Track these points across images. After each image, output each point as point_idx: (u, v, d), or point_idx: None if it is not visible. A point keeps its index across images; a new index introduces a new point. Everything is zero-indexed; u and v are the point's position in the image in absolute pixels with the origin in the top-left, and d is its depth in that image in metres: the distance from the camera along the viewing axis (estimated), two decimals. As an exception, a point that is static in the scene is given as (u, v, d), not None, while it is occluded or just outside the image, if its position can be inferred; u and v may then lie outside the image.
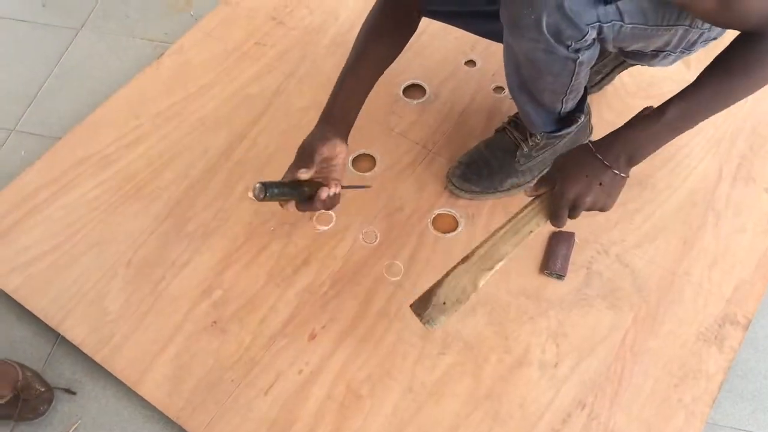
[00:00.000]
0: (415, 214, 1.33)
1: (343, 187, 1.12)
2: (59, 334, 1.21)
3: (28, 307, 1.23)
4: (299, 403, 1.13)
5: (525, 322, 1.20)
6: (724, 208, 1.33)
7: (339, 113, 1.12)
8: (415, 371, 1.15)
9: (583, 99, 1.22)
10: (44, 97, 1.60)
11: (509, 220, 1.01)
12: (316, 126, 1.12)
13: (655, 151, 0.98)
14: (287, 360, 1.17)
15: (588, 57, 1.04)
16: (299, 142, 1.09)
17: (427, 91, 1.52)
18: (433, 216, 1.33)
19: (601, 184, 0.97)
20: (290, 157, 1.39)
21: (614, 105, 1.48)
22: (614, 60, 1.39)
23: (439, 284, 1.01)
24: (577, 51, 1.01)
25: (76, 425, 1.14)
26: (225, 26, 1.68)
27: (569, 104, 1.18)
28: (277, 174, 1.40)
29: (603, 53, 1.29)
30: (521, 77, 1.12)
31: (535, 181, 1.32)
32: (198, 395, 1.14)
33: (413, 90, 1.53)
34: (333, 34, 1.65)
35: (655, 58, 1.32)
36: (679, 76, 1.38)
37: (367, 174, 1.39)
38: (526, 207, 1.02)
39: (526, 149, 1.30)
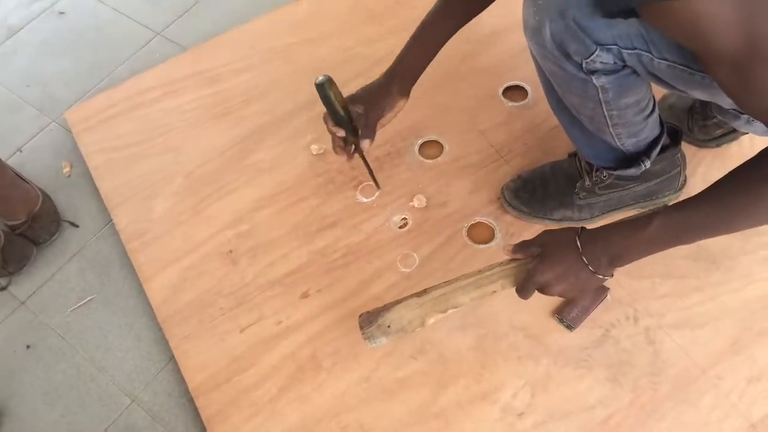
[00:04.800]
0: (456, 215, 1.27)
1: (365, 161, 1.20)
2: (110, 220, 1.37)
3: (97, 185, 1.40)
4: (265, 351, 1.16)
5: (511, 359, 1.11)
6: (807, 322, 1.10)
7: (406, 68, 1.12)
8: (380, 364, 1.13)
9: (653, 144, 1.07)
10: (193, 12, 1.75)
11: (478, 272, 0.96)
12: (384, 77, 1.13)
13: (645, 256, 0.82)
14: (273, 308, 1.21)
15: (612, 83, 0.91)
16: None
17: (529, 94, 1.42)
18: (473, 222, 1.26)
19: (576, 278, 0.86)
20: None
21: (730, 167, 1.26)
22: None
23: (387, 309, 1.01)
24: (593, 72, 0.89)
25: (90, 298, 1.30)
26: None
27: (627, 141, 1.04)
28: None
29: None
30: (556, 93, 1.02)
31: (587, 223, 1.19)
32: (188, 310, 1.22)
33: (514, 91, 1.44)
34: None
35: (738, 120, 1.12)
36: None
37: (429, 161, 1.35)
38: (498, 265, 0.95)
39: (588, 182, 1.18)
